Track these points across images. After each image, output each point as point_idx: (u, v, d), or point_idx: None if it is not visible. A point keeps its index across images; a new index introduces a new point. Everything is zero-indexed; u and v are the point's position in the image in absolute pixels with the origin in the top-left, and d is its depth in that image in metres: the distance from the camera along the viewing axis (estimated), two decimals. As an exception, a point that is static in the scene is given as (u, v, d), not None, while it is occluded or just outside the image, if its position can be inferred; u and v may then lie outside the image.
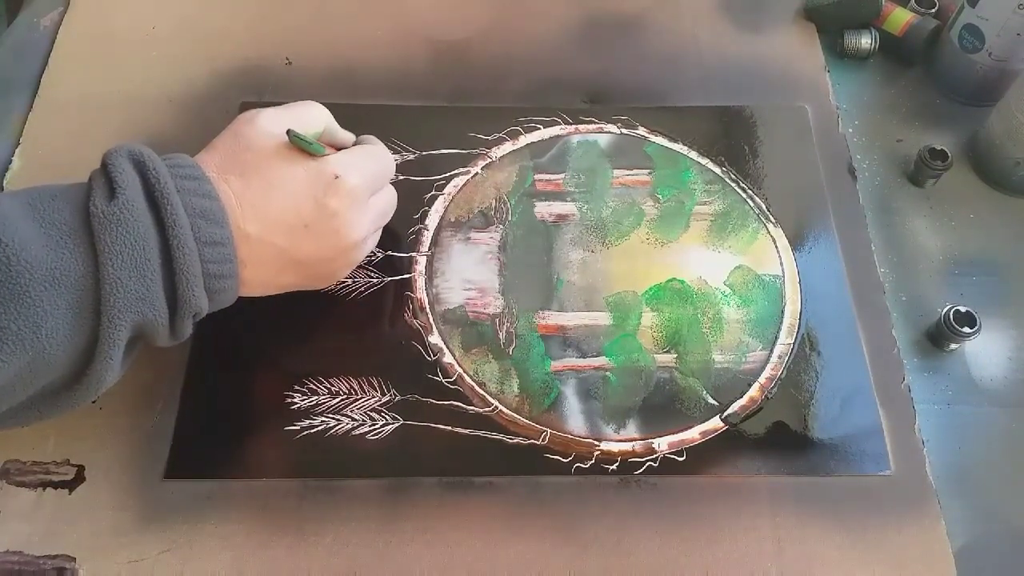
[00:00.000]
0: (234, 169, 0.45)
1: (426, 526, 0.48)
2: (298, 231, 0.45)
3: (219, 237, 0.42)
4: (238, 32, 0.68)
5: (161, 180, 0.41)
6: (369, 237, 0.50)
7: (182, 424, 0.50)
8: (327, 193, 0.46)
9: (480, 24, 0.70)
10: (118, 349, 0.40)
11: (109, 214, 0.39)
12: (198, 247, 0.41)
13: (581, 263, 0.57)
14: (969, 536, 0.49)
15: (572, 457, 0.50)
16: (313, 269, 0.48)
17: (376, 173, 0.50)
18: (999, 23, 0.62)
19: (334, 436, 0.50)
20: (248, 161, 0.45)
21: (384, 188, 0.52)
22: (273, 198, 0.45)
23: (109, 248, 0.38)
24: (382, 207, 0.51)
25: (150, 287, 0.40)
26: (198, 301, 0.42)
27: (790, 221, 0.60)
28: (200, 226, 0.41)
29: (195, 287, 0.41)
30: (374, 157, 0.50)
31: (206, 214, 0.42)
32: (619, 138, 0.63)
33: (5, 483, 0.48)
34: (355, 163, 0.48)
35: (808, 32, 0.70)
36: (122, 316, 0.39)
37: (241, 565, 0.46)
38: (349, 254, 0.49)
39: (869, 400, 0.52)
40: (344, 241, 0.47)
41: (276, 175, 0.45)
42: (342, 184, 0.46)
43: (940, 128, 0.66)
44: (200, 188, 0.42)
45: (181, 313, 0.42)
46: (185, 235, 0.41)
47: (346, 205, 0.46)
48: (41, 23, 0.68)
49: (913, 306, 0.57)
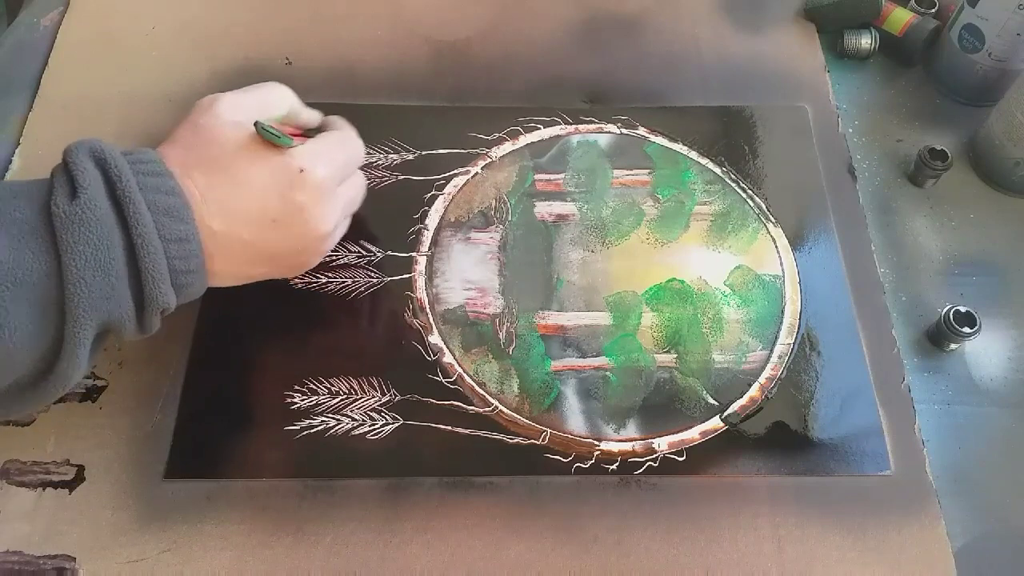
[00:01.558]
0: (198, 165, 0.44)
1: (426, 526, 0.48)
2: (265, 226, 0.45)
3: (184, 233, 0.42)
4: (238, 32, 0.68)
5: (123, 178, 0.40)
6: (339, 226, 0.50)
7: (182, 424, 0.50)
8: (293, 187, 0.45)
9: (480, 24, 0.70)
10: (84, 348, 0.40)
11: (71, 214, 0.38)
12: (163, 244, 0.41)
13: (581, 263, 0.57)
14: (969, 536, 0.49)
15: (572, 457, 0.50)
16: (283, 261, 0.48)
17: (343, 162, 0.49)
18: (999, 23, 0.62)
19: (334, 436, 0.50)
20: (213, 157, 0.45)
21: (352, 176, 0.51)
22: (239, 195, 0.45)
23: (72, 248, 0.38)
24: (351, 195, 0.51)
25: (115, 286, 0.40)
26: (165, 298, 0.42)
27: (790, 221, 0.60)
28: (164, 223, 0.41)
29: (161, 284, 0.41)
30: (341, 145, 0.50)
31: (170, 211, 0.42)
32: (619, 138, 0.63)
33: (5, 483, 0.48)
34: (321, 154, 0.47)
35: (808, 32, 0.70)
36: (87, 315, 0.39)
37: (241, 565, 0.46)
38: (318, 245, 0.49)
39: (869, 400, 0.52)
40: (313, 233, 0.47)
41: (241, 171, 0.45)
42: (308, 177, 0.46)
43: (940, 128, 0.66)
44: (163, 184, 0.42)
45: (149, 310, 0.42)
46: (149, 233, 0.40)
47: (313, 198, 0.46)
48: (41, 23, 0.68)
49: (913, 306, 0.57)
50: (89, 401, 0.51)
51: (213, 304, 0.54)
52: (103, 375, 0.52)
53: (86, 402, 0.51)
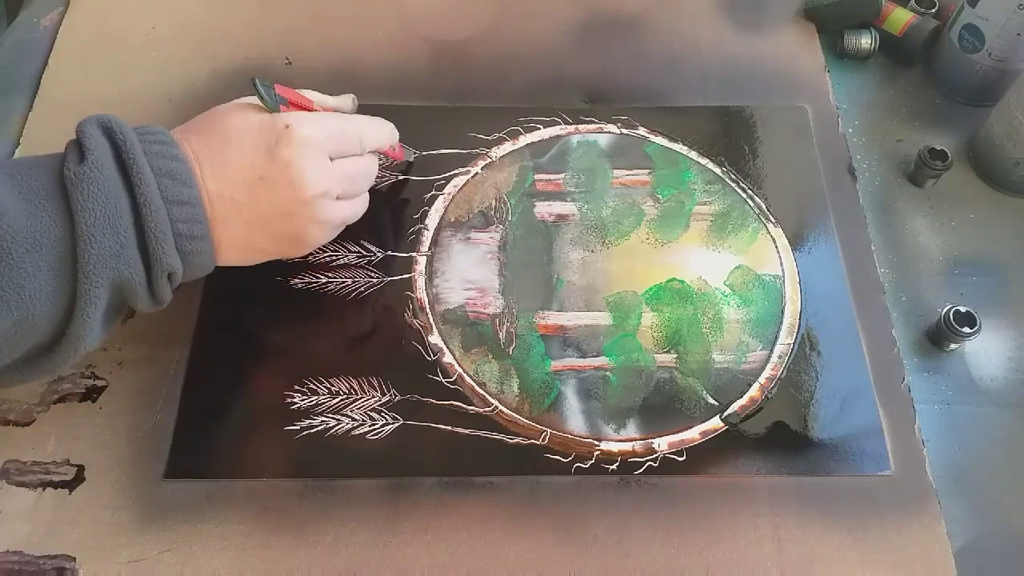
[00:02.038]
0: (195, 129, 0.47)
1: (426, 526, 0.48)
2: (255, 184, 0.46)
3: (186, 197, 0.44)
4: (238, 32, 0.68)
5: (128, 142, 0.43)
6: (334, 197, 0.49)
7: (182, 424, 0.50)
8: (279, 143, 0.46)
9: (480, 24, 0.70)
10: (96, 308, 0.41)
11: (80, 174, 0.41)
12: (166, 206, 0.43)
13: (581, 263, 0.57)
14: (969, 536, 0.49)
15: (572, 457, 0.50)
16: (279, 227, 0.48)
17: (337, 131, 0.50)
18: (999, 23, 0.62)
19: (334, 436, 0.50)
20: (208, 120, 0.48)
21: (359, 157, 0.52)
22: (228, 151, 0.46)
23: (82, 206, 0.40)
24: (351, 170, 0.51)
25: (124, 244, 0.41)
26: (170, 260, 0.43)
27: (790, 221, 0.60)
28: (167, 185, 0.43)
29: (165, 244, 0.43)
30: (338, 118, 0.51)
31: (173, 174, 0.43)
32: (619, 138, 0.63)
33: (5, 483, 0.48)
34: (312, 118, 0.49)
35: (808, 32, 0.70)
36: (98, 272, 0.40)
37: (241, 565, 0.46)
38: (310, 208, 0.48)
39: (869, 400, 0.52)
40: (300, 193, 0.47)
41: (231, 129, 0.47)
42: (293, 134, 0.47)
43: (940, 128, 0.66)
44: (167, 151, 0.44)
45: (156, 272, 0.43)
46: (152, 193, 0.42)
47: (299, 155, 0.47)
48: (41, 23, 0.68)
49: (913, 306, 0.57)
50: (89, 401, 0.51)
51: (213, 304, 0.54)
52: (103, 375, 0.52)
53: (86, 402, 0.51)
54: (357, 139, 0.51)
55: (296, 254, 0.52)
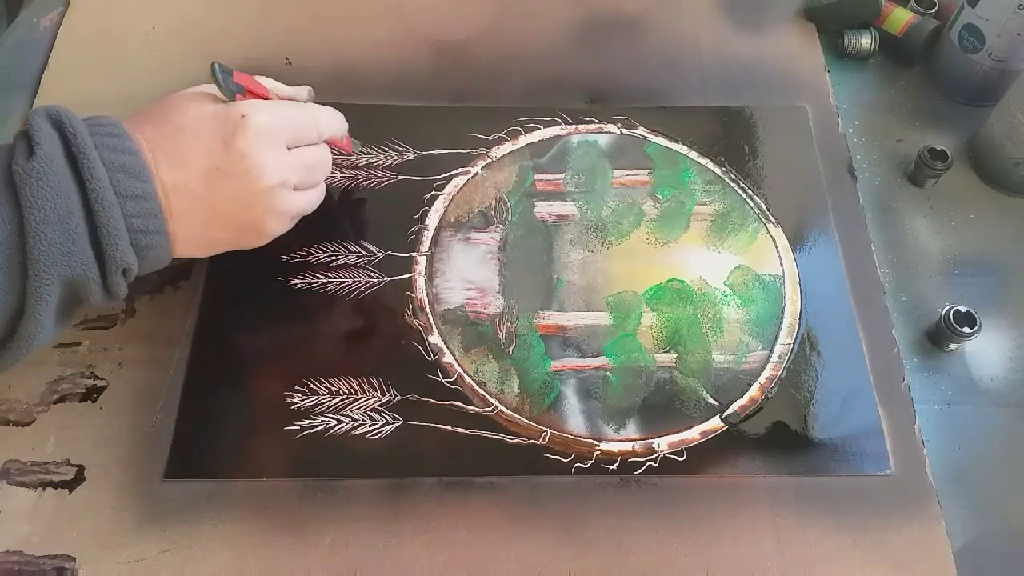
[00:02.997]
0: (148, 118, 0.46)
1: (426, 526, 0.48)
2: (211, 175, 0.45)
3: (140, 191, 0.43)
4: (238, 32, 0.68)
5: (78, 135, 0.42)
6: (291, 187, 0.49)
7: (182, 424, 0.50)
8: (235, 133, 0.46)
9: (480, 24, 0.70)
10: (47, 305, 0.40)
11: (28, 170, 0.40)
12: (119, 200, 0.42)
13: (581, 263, 0.57)
14: (969, 536, 0.49)
15: (572, 457, 0.50)
16: (236, 218, 0.47)
17: (293, 120, 0.49)
18: (999, 23, 0.62)
19: (334, 436, 0.50)
20: (161, 109, 0.47)
21: (315, 147, 0.51)
22: (182, 141, 0.45)
23: (31, 203, 0.39)
24: (307, 160, 0.50)
25: (75, 240, 0.40)
26: (124, 255, 0.42)
27: (790, 221, 0.60)
28: (120, 180, 0.42)
29: (119, 240, 0.42)
30: (294, 106, 0.50)
31: (125, 168, 0.43)
32: (619, 138, 0.63)
33: (5, 483, 0.48)
34: (267, 107, 0.48)
35: (808, 32, 0.70)
36: (48, 271, 0.40)
37: (241, 565, 0.46)
38: (267, 199, 0.47)
39: (869, 400, 0.52)
40: (257, 184, 0.46)
41: (185, 118, 0.46)
42: (249, 123, 0.46)
43: (940, 128, 0.66)
44: (119, 144, 0.43)
45: (110, 268, 0.42)
46: (104, 188, 0.41)
47: (255, 145, 0.46)
48: (41, 23, 0.68)
49: (913, 306, 0.57)
50: (89, 401, 0.51)
51: (213, 304, 0.54)
52: (103, 375, 0.52)
53: (86, 402, 0.51)
54: (314, 127, 0.51)
55: (254, 245, 0.50)
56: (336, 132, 0.53)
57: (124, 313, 0.54)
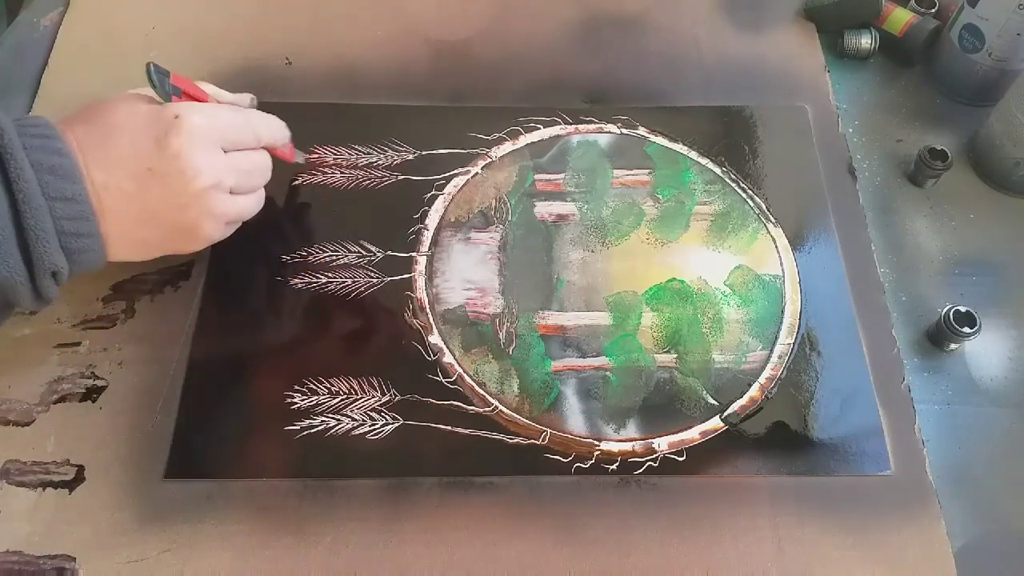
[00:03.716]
0: (81, 118, 0.46)
1: (426, 526, 0.48)
2: (143, 175, 0.45)
3: (71, 193, 0.42)
4: (238, 32, 0.68)
5: (5, 135, 0.41)
6: (226, 189, 0.48)
7: (182, 424, 0.50)
8: (168, 133, 0.45)
9: (480, 24, 0.70)
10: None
11: None
12: (48, 203, 0.41)
13: (581, 263, 0.57)
14: (969, 536, 0.49)
15: (572, 457, 0.50)
16: (170, 219, 0.47)
17: (228, 123, 0.48)
18: (999, 23, 0.62)
19: (334, 436, 0.50)
20: (95, 109, 0.46)
21: (253, 152, 0.50)
22: (114, 141, 0.45)
23: None
24: (244, 164, 0.49)
25: (1, 244, 0.40)
26: (52, 258, 0.41)
27: (790, 221, 0.60)
28: (49, 182, 0.41)
29: (48, 244, 0.41)
30: (229, 110, 0.50)
31: (55, 170, 0.42)
32: (619, 138, 0.63)
33: (5, 483, 0.48)
34: (202, 108, 0.47)
35: (808, 32, 0.70)
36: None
37: (241, 565, 0.46)
38: (202, 200, 0.46)
39: (869, 400, 0.52)
40: (191, 185, 0.45)
41: (117, 118, 0.45)
42: (183, 123, 0.45)
43: (940, 128, 0.66)
44: (50, 145, 0.42)
45: (38, 272, 0.41)
46: (31, 190, 0.40)
47: (188, 146, 0.45)
48: (41, 23, 0.68)
49: (913, 306, 0.57)
50: (89, 401, 0.51)
51: (213, 304, 0.54)
52: (103, 375, 0.52)
53: (86, 402, 0.51)
54: (251, 130, 0.50)
55: (190, 249, 0.50)
56: (275, 139, 0.52)
57: (124, 313, 0.54)
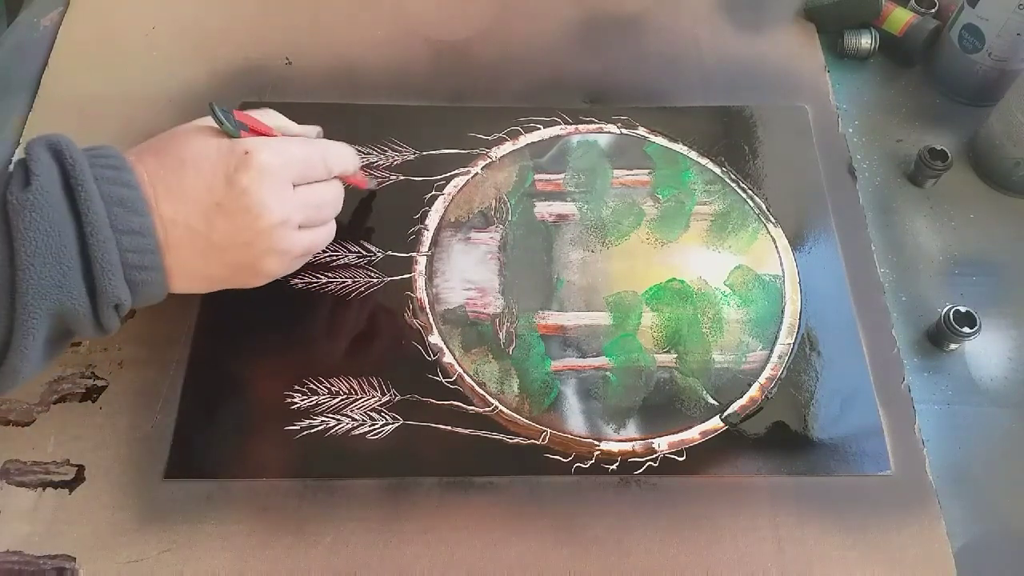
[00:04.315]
0: (151, 150, 0.46)
1: (426, 526, 0.48)
2: (211, 210, 0.45)
3: (138, 226, 0.42)
4: (238, 32, 0.68)
5: (77, 167, 0.41)
6: (294, 226, 0.48)
7: (182, 424, 0.50)
8: (237, 169, 0.45)
9: (480, 24, 0.70)
10: (35, 339, 0.39)
11: (23, 200, 0.39)
12: (115, 235, 0.41)
13: (581, 263, 0.57)
14: (969, 536, 0.49)
15: (572, 457, 0.50)
16: (235, 256, 0.47)
17: (299, 158, 0.48)
18: (999, 23, 0.62)
19: (334, 436, 0.50)
20: (165, 140, 0.46)
21: (321, 182, 0.50)
22: (184, 175, 0.45)
23: (23, 235, 0.38)
24: (313, 199, 0.49)
25: (67, 275, 0.40)
26: (117, 291, 0.41)
27: (790, 221, 0.60)
28: (117, 214, 0.41)
29: (113, 276, 0.41)
30: (300, 144, 0.49)
31: (124, 202, 0.42)
32: (619, 138, 0.63)
33: (5, 483, 0.48)
34: (273, 144, 0.47)
35: (808, 32, 0.70)
36: (37, 304, 0.39)
37: (241, 565, 0.46)
38: (267, 238, 0.46)
39: (869, 400, 0.52)
40: (258, 222, 0.45)
41: (189, 152, 0.45)
42: (252, 160, 0.45)
43: (940, 128, 0.66)
44: (119, 177, 0.42)
45: (101, 303, 0.41)
46: (100, 222, 0.40)
47: (257, 182, 0.45)
48: (41, 23, 0.68)
49: (913, 306, 0.57)
50: (89, 401, 0.51)
51: (213, 304, 0.54)
52: (103, 375, 0.52)
53: (86, 402, 0.51)
54: (322, 164, 0.49)
55: (252, 284, 0.49)
56: (347, 168, 0.52)
57: (124, 313, 0.54)
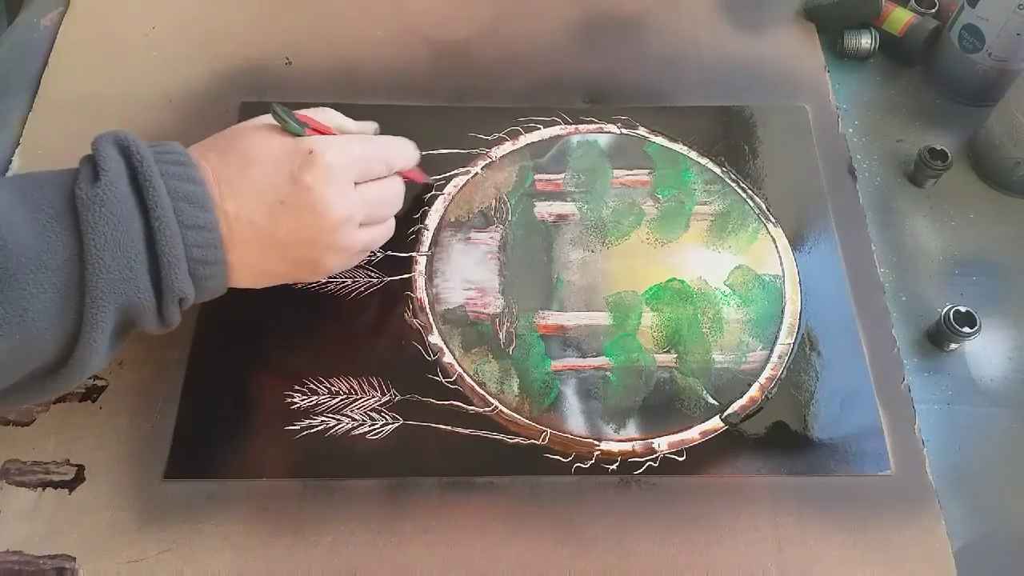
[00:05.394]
0: (215, 146, 0.46)
1: (426, 526, 0.48)
2: (275, 208, 0.45)
3: (203, 221, 0.43)
4: (238, 32, 0.68)
5: (145, 163, 0.41)
6: (356, 224, 0.48)
7: (182, 424, 0.50)
8: (302, 168, 0.45)
9: (480, 24, 0.70)
10: (103, 332, 0.40)
11: (92, 195, 0.39)
12: (181, 230, 0.42)
13: (581, 263, 0.57)
14: (969, 536, 0.49)
15: (572, 457, 0.50)
16: (297, 252, 0.47)
17: (360, 155, 0.48)
18: (999, 23, 0.62)
19: (334, 436, 0.50)
20: (228, 138, 0.47)
21: (382, 179, 0.51)
22: (249, 173, 0.45)
23: (92, 229, 0.39)
24: (375, 196, 0.50)
25: (134, 268, 0.40)
26: (182, 285, 0.42)
27: (790, 221, 0.60)
28: (183, 209, 0.42)
29: (178, 270, 0.41)
30: (360, 141, 0.50)
31: (190, 198, 0.42)
32: (619, 138, 0.63)
33: (5, 483, 0.48)
34: (335, 142, 0.48)
35: (808, 32, 0.70)
36: (105, 298, 0.39)
37: (241, 565, 0.46)
38: (330, 235, 0.47)
39: (869, 400, 0.52)
40: (322, 220, 0.46)
41: (253, 150, 0.46)
42: (317, 159, 0.46)
43: (940, 128, 0.66)
44: (185, 173, 0.43)
45: (167, 297, 0.42)
46: (167, 217, 0.41)
47: (322, 180, 0.46)
48: (41, 23, 0.68)
49: (913, 306, 0.57)
50: (89, 401, 0.51)
51: (213, 304, 0.54)
52: (103, 375, 0.52)
53: (86, 402, 0.51)
54: (383, 161, 0.50)
55: (311, 279, 0.50)
56: (407, 164, 0.53)
57: (124, 313, 0.54)
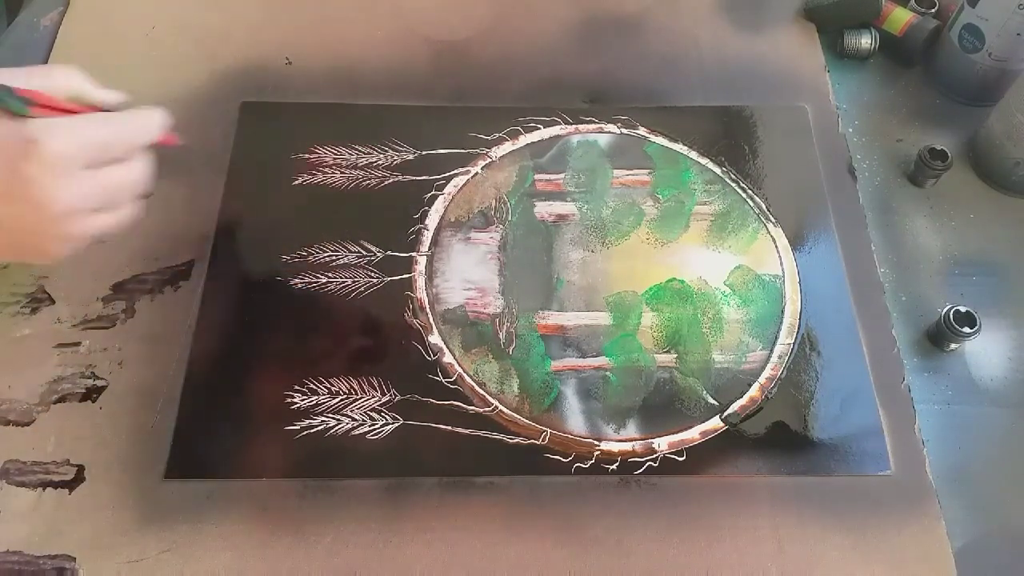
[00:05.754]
0: None
1: (426, 526, 0.48)
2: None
3: None
4: (238, 32, 0.68)
5: None
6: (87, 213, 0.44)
7: (182, 424, 0.50)
8: (23, 158, 0.41)
9: (480, 24, 0.70)
10: None
11: None
12: None
13: (581, 263, 0.57)
14: (969, 536, 0.49)
15: (572, 457, 0.50)
16: (18, 239, 0.44)
17: (98, 142, 0.44)
18: (999, 23, 0.62)
19: (334, 436, 0.50)
20: None
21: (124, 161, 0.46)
22: None
23: None
24: (110, 183, 0.45)
25: None
26: None
27: (790, 221, 0.60)
28: None
29: None
30: (94, 122, 0.45)
31: None
32: (619, 138, 0.63)
33: (5, 483, 0.48)
34: (66, 127, 0.43)
35: (808, 32, 0.70)
36: None
37: (241, 565, 0.46)
38: (56, 227, 0.43)
39: (869, 400, 0.52)
40: (45, 212, 0.42)
41: None
42: (40, 149, 0.41)
43: (940, 128, 0.66)
44: None
45: None
46: None
47: (44, 172, 0.42)
48: (41, 23, 0.68)
49: (913, 306, 0.57)
50: (89, 401, 0.51)
51: (213, 304, 0.54)
52: (103, 375, 0.52)
53: (86, 402, 0.51)
54: (119, 143, 0.46)
55: (41, 262, 0.48)
56: (151, 138, 0.48)
57: (124, 313, 0.54)
